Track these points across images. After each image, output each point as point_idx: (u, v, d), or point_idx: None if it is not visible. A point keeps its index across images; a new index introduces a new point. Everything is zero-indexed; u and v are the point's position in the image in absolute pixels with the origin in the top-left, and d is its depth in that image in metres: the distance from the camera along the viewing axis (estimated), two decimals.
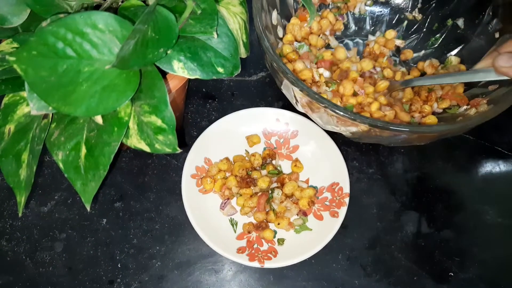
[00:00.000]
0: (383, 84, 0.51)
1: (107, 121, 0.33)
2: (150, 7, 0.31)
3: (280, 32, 0.55)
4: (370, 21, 0.60)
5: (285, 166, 0.53)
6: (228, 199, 0.50)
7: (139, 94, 0.33)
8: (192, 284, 0.47)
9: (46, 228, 0.49)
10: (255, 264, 0.44)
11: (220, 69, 0.36)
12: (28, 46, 0.28)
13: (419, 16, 0.58)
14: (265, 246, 0.47)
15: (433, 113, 0.51)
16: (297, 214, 0.49)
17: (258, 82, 0.59)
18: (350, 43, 0.60)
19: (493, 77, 0.43)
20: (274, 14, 0.53)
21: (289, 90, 0.46)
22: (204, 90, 0.58)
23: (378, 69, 0.55)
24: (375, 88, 0.52)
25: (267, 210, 0.49)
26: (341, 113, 0.41)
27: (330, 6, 0.59)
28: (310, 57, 0.54)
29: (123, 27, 0.30)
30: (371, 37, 0.59)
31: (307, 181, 0.51)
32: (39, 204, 0.51)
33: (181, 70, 0.34)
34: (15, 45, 0.36)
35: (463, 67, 0.53)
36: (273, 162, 0.52)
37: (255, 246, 0.47)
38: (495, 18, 0.49)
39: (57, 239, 0.49)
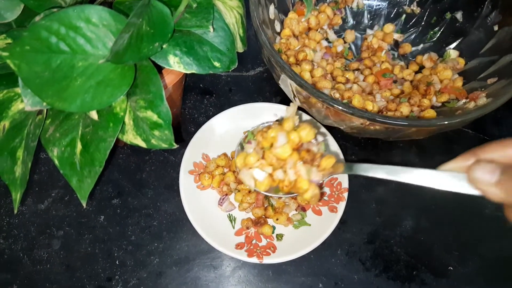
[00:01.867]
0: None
1: (102, 117, 0.32)
2: (144, 0, 0.30)
3: (277, 27, 0.55)
4: (368, 15, 0.60)
5: None
6: (226, 195, 0.49)
7: (135, 89, 0.32)
8: (191, 281, 0.47)
9: (43, 225, 0.49)
10: (254, 260, 0.44)
11: (217, 64, 0.36)
12: (21, 41, 0.28)
13: (417, 10, 0.57)
14: (263, 242, 0.47)
15: (432, 107, 0.50)
16: (296, 210, 0.49)
17: (255, 77, 0.59)
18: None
19: (463, 189, 0.30)
20: (272, 8, 0.53)
21: (287, 85, 0.45)
22: (201, 85, 0.58)
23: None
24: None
25: (265, 206, 0.49)
26: (339, 107, 0.41)
27: (328, 0, 0.59)
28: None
29: (117, 21, 0.30)
30: (369, 31, 0.59)
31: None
32: (36, 201, 0.50)
33: (177, 65, 0.34)
34: (9, 40, 0.35)
35: (461, 60, 0.53)
36: None
37: (254, 241, 0.47)
38: (494, 10, 0.49)
39: (54, 236, 0.49)
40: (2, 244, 0.48)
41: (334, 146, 0.49)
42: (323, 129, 0.50)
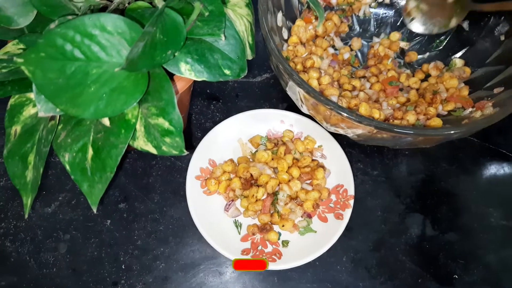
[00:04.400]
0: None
1: (114, 123, 0.33)
2: (159, 9, 0.31)
3: (285, 34, 0.55)
4: (375, 23, 0.60)
5: None
6: (232, 200, 0.50)
7: (147, 96, 0.32)
8: (196, 286, 0.47)
9: (50, 229, 0.49)
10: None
11: (227, 71, 0.36)
12: (36, 48, 0.28)
13: None
14: (269, 248, 0.47)
15: (438, 115, 0.51)
16: (302, 216, 0.49)
17: (262, 83, 0.59)
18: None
19: None
20: (279, 15, 0.53)
21: (295, 92, 0.46)
22: (208, 91, 0.58)
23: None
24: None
25: (271, 212, 0.49)
26: (347, 115, 0.41)
27: (335, 8, 0.59)
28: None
29: (131, 29, 0.30)
30: (375, 39, 0.59)
31: (311, 183, 0.51)
32: (43, 205, 0.50)
33: (188, 72, 0.34)
34: (21, 46, 0.36)
35: (467, 69, 0.53)
36: None
37: (260, 248, 0.47)
38: (501, 20, 0.49)
39: (61, 240, 0.49)
40: (9, 247, 0.48)
41: (340, 153, 0.50)
42: (329, 136, 0.50)
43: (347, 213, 0.47)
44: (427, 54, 0.58)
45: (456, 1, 0.40)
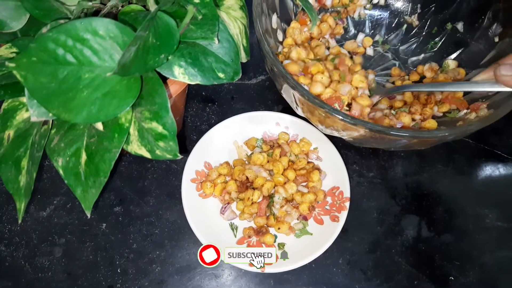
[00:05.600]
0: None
1: (107, 128, 0.32)
2: (151, 13, 0.31)
3: (280, 36, 0.55)
4: (370, 25, 0.60)
5: None
6: (228, 203, 0.49)
7: (140, 100, 0.32)
8: None
9: (45, 233, 0.49)
10: (255, 269, 0.44)
11: (221, 75, 0.36)
12: (28, 52, 0.28)
13: (416, 22, 0.58)
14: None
15: (433, 117, 0.51)
16: (298, 219, 0.49)
17: (257, 85, 0.59)
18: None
19: (493, 88, 0.43)
20: (274, 17, 0.53)
21: (290, 94, 0.46)
22: (203, 93, 0.58)
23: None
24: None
25: (267, 215, 0.49)
26: (341, 117, 0.41)
27: (330, 10, 0.59)
28: None
29: (124, 33, 0.30)
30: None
31: (307, 186, 0.51)
32: (38, 208, 0.50)
33: (181, 76, 0.34)
34: (14, 49, 0.35)
35: (462, 70, 0.53)
36: None
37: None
38: (495, 22, 0.49)
39: (56, 244, 0.49)
40: (3, 252, 0.48)
41: (335, 155, 0.50)
42: (324, 138, 0.50)
43: (343, 215, 0.47)
44: (422, 55, 0.58)
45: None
